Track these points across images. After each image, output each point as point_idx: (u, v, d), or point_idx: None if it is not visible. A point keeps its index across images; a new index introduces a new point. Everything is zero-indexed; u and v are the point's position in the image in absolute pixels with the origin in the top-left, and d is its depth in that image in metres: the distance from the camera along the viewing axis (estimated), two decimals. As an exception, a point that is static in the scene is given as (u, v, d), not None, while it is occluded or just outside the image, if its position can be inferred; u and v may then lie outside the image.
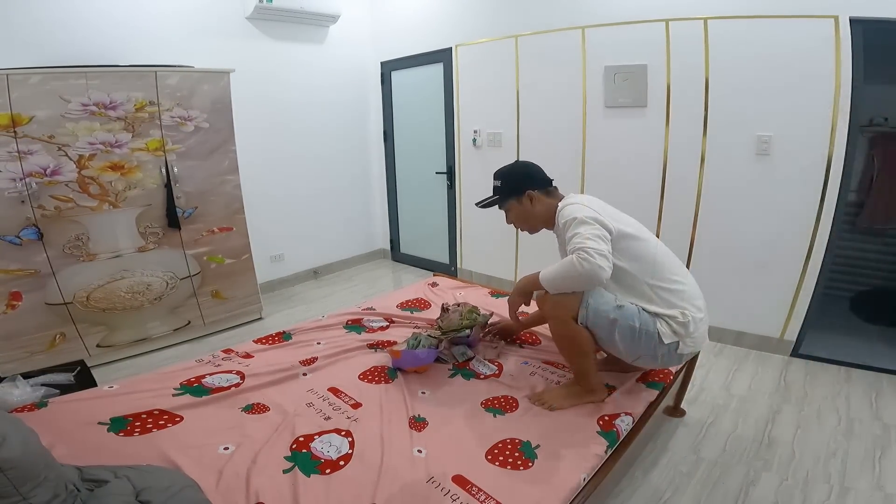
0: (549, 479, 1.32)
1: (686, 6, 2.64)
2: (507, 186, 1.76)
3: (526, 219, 1.78)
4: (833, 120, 2.35)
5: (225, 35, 3.46)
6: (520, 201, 1.75)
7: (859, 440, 2.02)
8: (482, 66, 3.65)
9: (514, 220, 1.82)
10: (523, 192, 1.73)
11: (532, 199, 1.73)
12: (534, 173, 1.77)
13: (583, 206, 1.60)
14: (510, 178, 1.78)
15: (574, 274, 1.47)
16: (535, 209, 1.74)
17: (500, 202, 1.80)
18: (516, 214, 1.79)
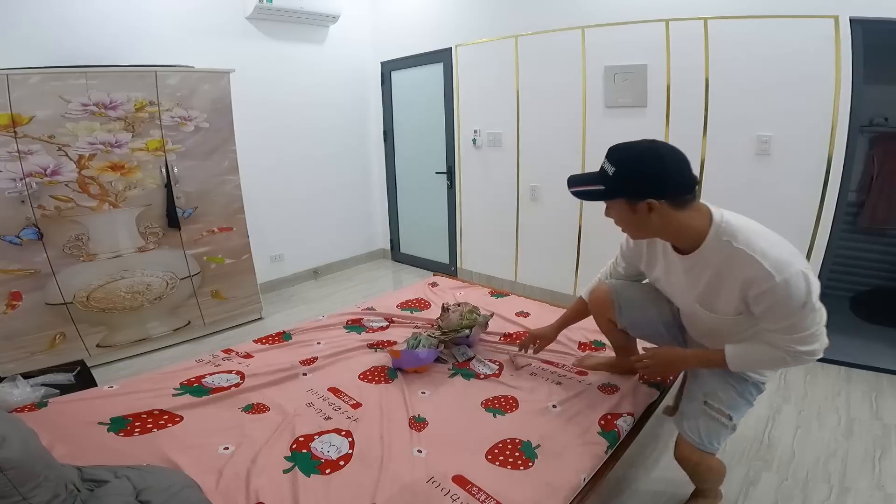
0: (549, 479, 1.32)
1: (686, 6, 2.64)
2: (622, 181, 1.22)
3: (634, 225, 1.30)
4: (833, 120, 2.35)
5: (225, 35, 3.45)
6: (633, 206, 1.22)
7: (859, 440, 2.02)
8: (482, 66, 3.65)
9: (614, 219, 1.34)
10: (643, 197, 1.19)
11: (652, 209, 1.20)
12: (668, 177, 1.19)
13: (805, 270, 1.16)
14: (632, 173, 1.21)
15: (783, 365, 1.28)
16: (650, 221, 1.23)
17: (604, 196, 1.29)
18: (621, 216, 1.29)
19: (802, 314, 1.16)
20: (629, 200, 1.23)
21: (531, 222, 3.66)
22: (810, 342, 1.20)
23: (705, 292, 1.30)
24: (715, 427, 1.40)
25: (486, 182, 3.86)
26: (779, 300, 1.14)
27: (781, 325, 1.19)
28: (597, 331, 2.25)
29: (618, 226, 1.36)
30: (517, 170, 3.62)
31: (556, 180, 3.41)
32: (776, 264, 1.13)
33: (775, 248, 1.17)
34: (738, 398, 1.41)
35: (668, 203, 1.19)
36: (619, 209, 1.28)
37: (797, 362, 1.24)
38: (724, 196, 2.71)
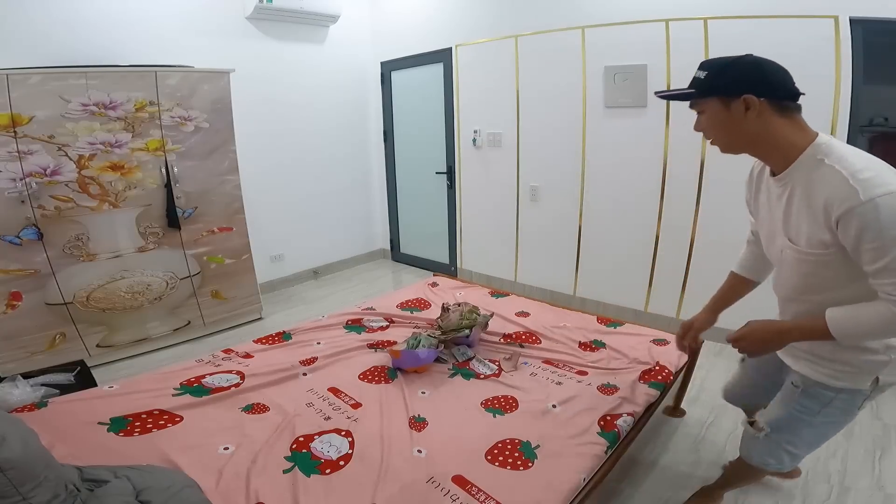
0: (549, 479, 1.32)
1: (686, 6, 2.64)
2: (715, 79, 1.13)
3: (726, 130, 1.15)
4: (833, 120, 2.35)
5: (225, 35, 3.45)
6: (727, 104, 1.10)
7: (859, 440, 2.02)
8: (482, 66, 3.65)
9: (705, 127, 1.18)
10: (739, 93, 1.08)
11: (749, 107, 1.08)
12: (768, 75, 1.11)
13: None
14: (727, 70, 1.12)
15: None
16: (746, 122, 1.10)
17: (694, 97, 1.17)
18: (714, 121, 1.15)
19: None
20: (724, 98, 1.11)
21: (531, 222, 3.66)
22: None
23: (793, 221, 1.13)
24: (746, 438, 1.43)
25: (486, 182, 3.86)
26: (866, 226, 0.95)
27: (879, 263, 0.97)
28: (597, 330, 2.26)
29: (708, 138, 1.20)
30: (517, 170, 3.62)
31: (556, 180, 3.42)
32: (864, 183, 0.95)
33: (870, 169, 0.98)
34: (783, 411, 1.32)
35: (770, 104, 1.08)
36: (711, 111, 1.14)
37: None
38: (724, 196, 2.73)
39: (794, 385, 1.30)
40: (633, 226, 3.10)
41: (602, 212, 3.24)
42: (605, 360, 1.99)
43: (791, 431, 1.33)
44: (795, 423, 1.32)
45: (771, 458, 1.39)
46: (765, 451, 1.40)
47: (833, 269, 1.09)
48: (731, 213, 2.73)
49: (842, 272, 1.08)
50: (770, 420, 1.37)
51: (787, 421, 1.33)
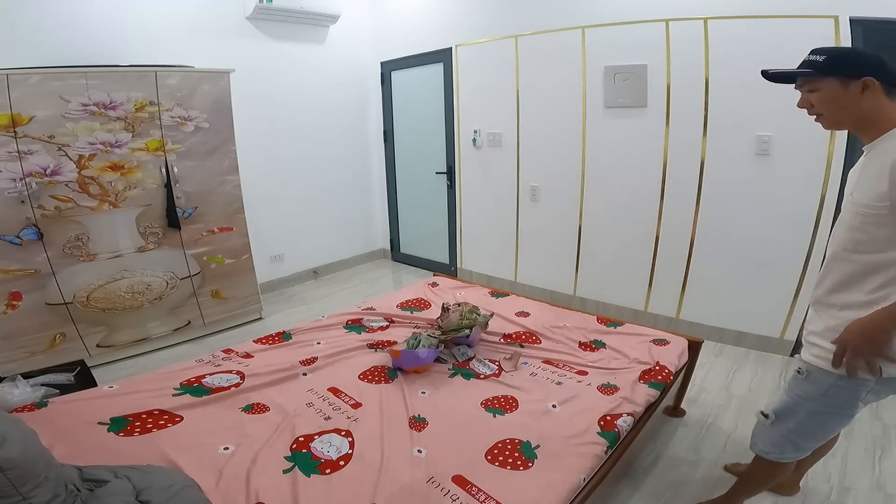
0: (549, 479, 1.32)
1: (686, 6, 2.64)
2: (835, 62, 1.21)
3: (839, 108, 1.23)
4: (833, 120, 2.35)
5: (225, 35, 3.45)
6: (845, 84, 1.19)
7: (859, 440, 2.02)
8: (482, 66, 3.65)
9: (815, 103, 1.27)
10: (860, 75, 1.17)
11: (866, 88, 1.17)
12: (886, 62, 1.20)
13: None
14: (849, 55, 1.27)
15: None
16: (861, 102, 1.18)
17: (808, 76, 1.26)
18: (829, 98, 1.23)
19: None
20: (843, 78, 1.19)
21: (531, 222, 3.66)
22: None
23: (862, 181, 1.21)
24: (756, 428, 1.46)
25: (486, 182, 3.86)
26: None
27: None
28: (597, 330, 2.26)
29: (813, 113, 1.29)
30: (517, 170, 3.62)
31: (556, 180, 3.42)
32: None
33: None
34: (786, 397, 1.36)
35: (883, 87, 1.17)
36: (827, 91, 1.23)
37: None
38: (724, 196, 2.73)
39: (799, 372, 1.33)
40: (633, 226, 3.10)
41: (602, 212, 3.24)
42: (605, 360, 1.99)
43: (793, 419, 1.35)
44: (797, 410, 1.34)
45: (774, 446, 1.41)
46: (768, 440, 1.42)
47: (882, 227, 1.13)
48: (731, 213, 2.73)
49: (887, 233, 1.13)
50: (775, 407, 1.39)
51: (789, 407, 1.36)
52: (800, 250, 2.56)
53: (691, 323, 3.01)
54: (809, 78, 1.26)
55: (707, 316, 2.96)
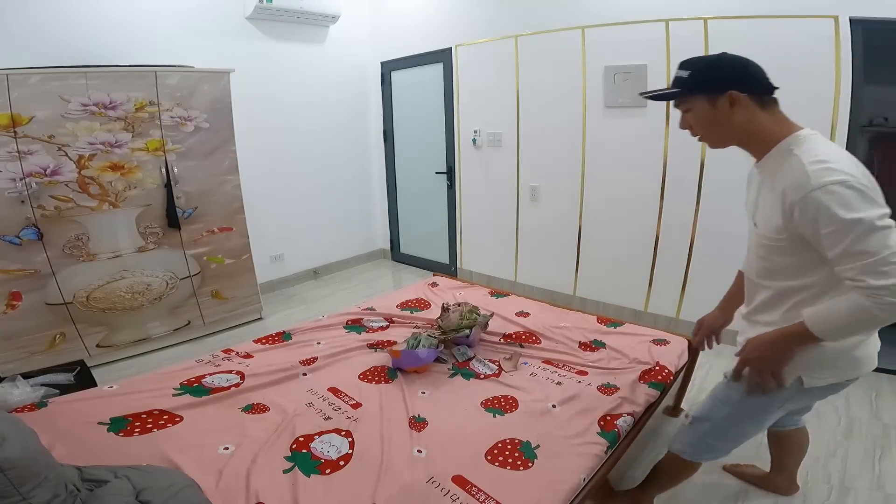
0: (549, 479, 1.32)
1: (686, 6, 2.64)
2: (698, 78, 1.17)
3: (713, 125, 1.19)
4: (833, 120, 2.35)
5: (225, 35, 3.45)
6: (713, 101, 1.15)
7: (859, 440, 2.02)
8: (482, 66, 3.65)
9: (692, 124, 1.23)
10: (724, 89, 1.13)
11: (734, 103, 1.13)
12: (750, 70, 1.16)
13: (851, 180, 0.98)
14: (710, 69, 1.17)
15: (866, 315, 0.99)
16: (733, 117, 1.15)
17: (678, 96, 1.22)
18: (701, 117, 1.19)
19: (858, 232, 0.96)
20: (709, 96, 1.16)
21: (531, 222, 3.66)
22: (885, 274, 0.94)
23: (760, 205, 1.20)
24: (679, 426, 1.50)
25: (486, 182, 3.86)
26: (819, 211, 0.99)
27: (837, 249, 0.99)
28: (597, 330, 2.26)
29: (696, 135, 1.25)
30: (517, 170, 3.62)
31: (556, 180, 3.42)
32: (819, 171, 1.00)
33: (831, 161, 1.02)
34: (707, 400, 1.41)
35: (751, 98, 1.14)
36: (697, 109, 1.19)
37: (881, 308, 0.95)
38: (724, 196, 2.73)
39: (725, 376, 1.36)
40: (633, 226, 3.10)
41: (602, 212, 3.24)
42: (605, 360, 1.99)
43: (711, 421, 1.38)
44: (716, 413, 1.37)
45: (689, 446, 1.43)
46: (685, 438, 1.45)
47: (786, 256, 1.14)
48: (731, 212, 2.73)
49: (794, 261, 1.13)
50: (695, 408, 1.44)
51: (708, 408, 1.40)
52: None
53: (691, 323, 2.98)
54: (680, 98, 1.22)
55: (707, 316, 2.96)
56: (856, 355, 1.18)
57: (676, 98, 1.23)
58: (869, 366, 1.21)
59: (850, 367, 1.20)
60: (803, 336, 1.08)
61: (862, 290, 0.97)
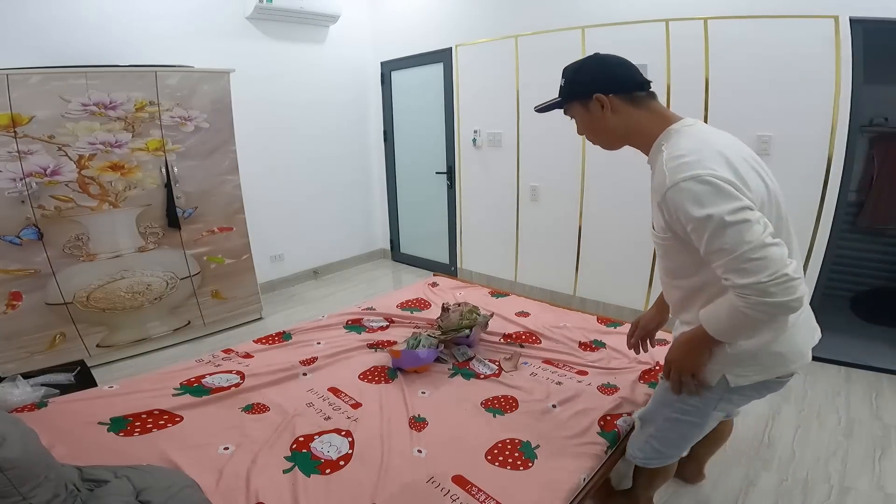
0: (549, 479, 1.32)
1: (686, 6, 2.64)
2: (570, 85, 1.22)
3: (595, 131, 1.23)
4: (833, 120, 2.35)
5: (225, 35, 3.45)
6: (586, 106, 1.19)
7: (859, 440, 2.02)
8: (482, 66, 3.65)
9: (582, 131, 1.28)
10: (590, 93, 1.16)
11: (604, 105, 1.16)
12: (613, 70, 1.18)
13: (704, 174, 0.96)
14: (576, 75, 1.21)
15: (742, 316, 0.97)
16: (607, 121, 1.17)
17: (560, 104, 1.27)
18: (583, 124, 1.25)
19: (711, 229, 0.94)
20: (581, 102, 1.19)
21: (531, 222, 3.66)
22: (746, 271, 0.91)
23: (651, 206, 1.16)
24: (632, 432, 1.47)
25: (486, 182, 3.86)
26: (677, 209, 0.98)
27: (702, 246, 0.98)
28: (597, 330, 2.26)
29: (590, 140, 1.29)
30: (517, 170, 3.62)
31: (556, 180, 3.42)
32: (674, 168, 0.99)
33: (689, 155, 1.00)
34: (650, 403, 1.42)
35: (619, 98, 1.15)
36: (578, 117, 1.24)
37: (751, 308, 0.93)
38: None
39: (662, 378, 1.31)
40: (633, 226, 3.10)
41: (602, 212, 3.24)
42: (605, 360, 1.99)
43: (654, 423, 1.37)
44: (656, 415, 1.36)
45: (639, 450, 1.41)
46: (635, 443, 1.44)
47: (681, 254, 1.11)
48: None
49: (688, 259, 1.10)
50: (640, 412, 1.44)
51: (651, 412, 1.40)
52: (800, 250, 2.55)
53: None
54: (561, 107, 1.25)
55: (707, 316, 2.96)
56: (777, 351, 1.13)
57: (559, 107, 1.26)
58: (797, 361, 1.16)
59: (776, 364, 1.15)
60: (708, 337, 1.07)
61: (732, 289, 0.95)
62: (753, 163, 1.08)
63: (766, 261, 0.90)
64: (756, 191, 1.01)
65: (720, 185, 0.95)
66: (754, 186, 1.01)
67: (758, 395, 1.25)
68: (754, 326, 1.00)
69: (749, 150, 1.12)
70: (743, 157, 1.04)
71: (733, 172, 0.98)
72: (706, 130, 1.11)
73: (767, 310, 0.92)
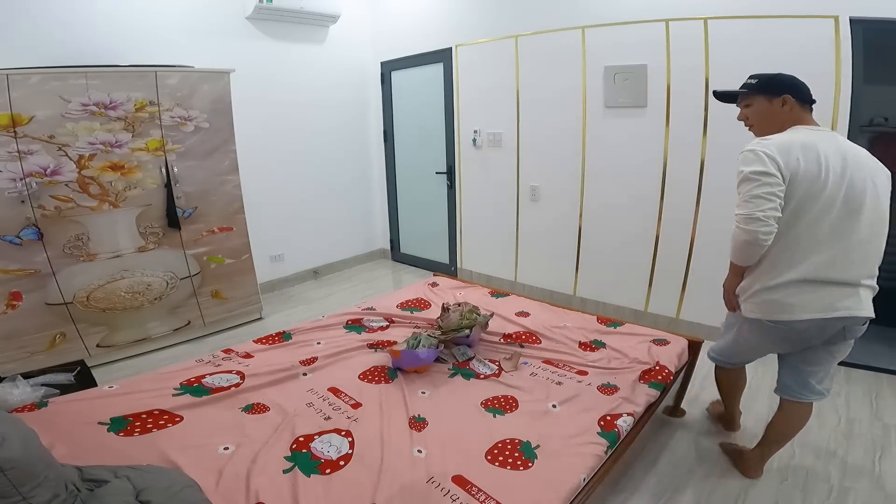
0: (549, 479, 1.32)
1: (686, 6, 2.64)
2: (762, 84, 1.60)
3: (766, 119, 1.61)
4: (833, 120, 2.35)
5: (225, 35, 3.45)
6: (770, 101, 1.58)
7: (859, 440, 2.02)
8: (482, 66, 3.65)
9: (748, 116, 1.66)
10: (780, 93, 1.56)
11: (786, 103, 1.55)
12: (800, 85, 1.58)
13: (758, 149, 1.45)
14: (773, 79, 1.60)
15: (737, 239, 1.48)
16: (781, 115, 1.56)
17: (745, 96, 1.66)
18: (758, 111, 1.62)
19: (741, 181, 1.47)
20: (769, 97, 1.59)
21: (531, 222, 3.66)
22: (741, 207, 1.45)
23: None
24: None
25: (486, 182, 3.86)
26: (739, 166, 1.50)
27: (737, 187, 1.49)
28: (597, 330, 2.27)
29: (748, 125, 1.69)
30: (517, 170, 3.62)
31: (556, 180, 3.42)
32: (752, 144, 1.50)
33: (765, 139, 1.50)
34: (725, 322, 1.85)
35: (799, 103, 1.56)
36: (758, 105, 1.63)
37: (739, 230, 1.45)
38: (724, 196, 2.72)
39: None
40: (633, 226, 3.10)
41: (602, 212, 3.24)
42: (605, 360, 1.99)
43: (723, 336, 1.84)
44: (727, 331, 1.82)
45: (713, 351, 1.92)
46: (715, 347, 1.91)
47: None
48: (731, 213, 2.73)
49: None
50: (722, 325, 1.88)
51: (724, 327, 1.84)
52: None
53: (691, 323, 3.01)
54: (746, 96, 1.66)
55: (707, 316, 2.95)
56: (767, 298, 1.52)
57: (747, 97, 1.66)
58: (785, 313, 1.49)
59: (770, 308, 1.52)
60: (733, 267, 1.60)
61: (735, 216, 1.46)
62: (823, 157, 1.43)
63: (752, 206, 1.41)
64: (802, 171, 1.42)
65: (761, 155, 1.44)
66: (802, 168, 1.42)
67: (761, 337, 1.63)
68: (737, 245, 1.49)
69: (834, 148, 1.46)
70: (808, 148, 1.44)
71: (782, 154, 1.43)
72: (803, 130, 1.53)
73: (739, 234, 1.45)
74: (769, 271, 1.50)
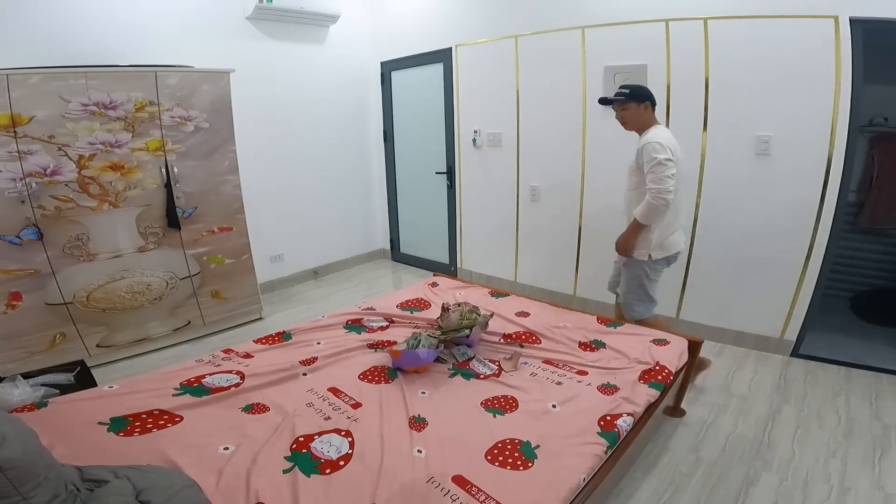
0: (549, 480, 1.32)
1: (686, 6, 2.64)
2: (635, 93, 2.22)
3: (637, 119, 2.24)
4: (833, 120, 2.35)
5: (225, 35, 3.46)
6: (639, 106, 2.23)
7: (859, 440, 2.02)
8: (482, 66, 3.65)
9: (624, 118, 2.27)
10: (644, 100, 2.22)
11: (646, 108, 2.23)
12: (651, 94, 2.26)
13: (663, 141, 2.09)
14: (639, 89, 2.24)
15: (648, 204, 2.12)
16: (645, 115, 2.23)
17: (622, 102, 2.24)
18: (631, 114, 2.24)
19: (654, 165, 2.08)
20: (639, 103, 2.23)
21: (531, 222, 3.66)
22: (658, 183, 2.07)
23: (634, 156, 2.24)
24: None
25: (486, 182, 3.86)
26: (646, 154, 2.12)
27: (646, 170, 2.11)
28: (597, 330, 2.27)
29: (624, 123, 2.29)
30: (517, 170, 3.62)
31: (556, 180, 3.42)
32: (648, 138, 2.15)
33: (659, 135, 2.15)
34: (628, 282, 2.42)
35: (651, 105, 2.26)
36: (631, 110, 2.24)
37: (651, 196, 2.09)
38: (724, 196, 2.73)
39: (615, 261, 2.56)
40: (633, 226, 3.10)
41: (602, 212, 3.23)
42: (605, 360, 1.99)
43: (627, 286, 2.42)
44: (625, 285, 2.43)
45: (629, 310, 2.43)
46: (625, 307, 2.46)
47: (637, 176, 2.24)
48: (730, 212, 2.73)
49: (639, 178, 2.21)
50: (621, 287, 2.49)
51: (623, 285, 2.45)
52: (800, 250, 2.56)
53: (691, 323, 3.01)
54: (624, 102, 2.24)
55: (707, 316, 2.96)
56: (667, 241, 2.27)
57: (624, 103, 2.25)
58: (675, 248, 2.32)
59: (669, 247, 2.29)
60: (636, 225, 2.23)
61: (649, 191, 2.10)
62: (677, 146, 2.17)
63: (665, 182, 2.06)
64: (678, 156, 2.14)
65: (664, 146, 2.09)
66: (678, 155, 2.15)
67: (666, 265, 2.37)
68: (653, 212, 2.13)
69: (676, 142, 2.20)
70: (673, 140, 2.18)
71: (670, 146, 2.11)
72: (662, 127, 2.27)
73: (655, 202, 2.09)
74: (667, 226, 2.24)
